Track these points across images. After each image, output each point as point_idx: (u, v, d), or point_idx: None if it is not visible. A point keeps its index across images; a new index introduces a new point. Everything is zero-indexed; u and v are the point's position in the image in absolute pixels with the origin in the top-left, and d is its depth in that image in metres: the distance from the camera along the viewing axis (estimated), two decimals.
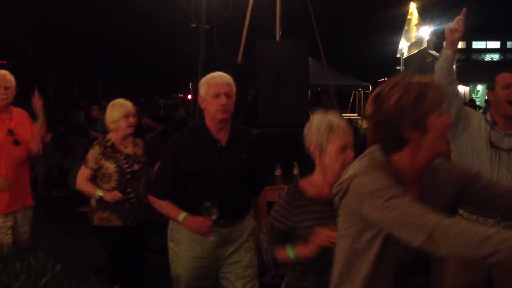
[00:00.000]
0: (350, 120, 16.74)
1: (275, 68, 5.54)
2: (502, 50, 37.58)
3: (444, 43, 3.44)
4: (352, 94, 27.42)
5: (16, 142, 4.12)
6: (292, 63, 5.66)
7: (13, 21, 18.49)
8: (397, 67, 47.69)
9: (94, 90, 28.38)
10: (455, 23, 3.36)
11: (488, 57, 36.84)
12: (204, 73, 5.65)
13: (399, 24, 45.51)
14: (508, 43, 37.83)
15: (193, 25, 6.25)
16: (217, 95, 3.12)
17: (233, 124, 3.35)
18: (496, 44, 37.99)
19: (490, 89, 3.34)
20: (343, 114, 22.93)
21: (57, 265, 2.19)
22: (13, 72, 4.26)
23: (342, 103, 28.00)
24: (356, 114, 25.51)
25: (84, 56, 27.76)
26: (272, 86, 5.51)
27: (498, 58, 36.26)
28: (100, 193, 3.94)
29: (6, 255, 2.39)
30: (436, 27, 36.83)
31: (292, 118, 5.47)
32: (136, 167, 4.05)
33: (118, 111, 3.97)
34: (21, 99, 9.80)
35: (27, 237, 4.33)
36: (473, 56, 36.27)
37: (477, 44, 38.46)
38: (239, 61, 7.22)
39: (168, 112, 17.24)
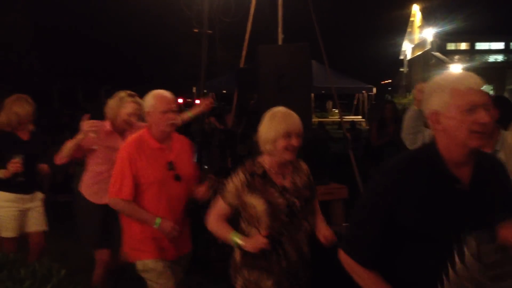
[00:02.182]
0: (353, 123, 16.73)
1: (277, 72, 5.54)
2: (506, 51, 37.49)
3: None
4: (356, 97, 27.41)
5: (177, 178, 3.40)
6: (294, 66, 5.66)
7: (16, 28, 18.58)
8: (401, 69, 47.69)
9: (98, 95, 28.47)
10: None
11: (492, 58, 36.75)
12: (207, 78, 5.65)
13: (402, 26, 45.54)
14: None
15: (196, 30, 6.27)
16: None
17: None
18: (499, 45, 37.93)
19: None
20: (347, 117, 22.88)
21: (62, 271, 2.20)
22: (17, 79, 4.28)
23: (346, 105, 28.03)
24: (360, 117, 25.48)
25: (87, 62, 27.86)
26: (275, 90, 5.50)
27: (502, 59, 36.17)
28: (237, 239, 2.81)
29: (11, 261, 2.40)
30: (440, 29, 36.80)
31: None
32: (296, 204, 2.84)
33: (277, 128, 2.76)
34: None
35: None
36: (477, 57, 36.20)
37: (480, 45, 38.43)
38: (241, 65, 7.22)
39: None
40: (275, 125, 2.75)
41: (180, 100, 26.08)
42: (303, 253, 2.87)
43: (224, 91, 20.90)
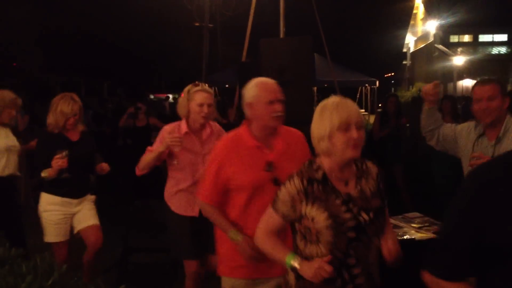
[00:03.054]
0: None
1: (279, 66, 5.53)
2: (509, 43, 37.31)
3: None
4: (359, 90, 27.34)
5: (276, 182, 2.75)
6: (296, 60, 5.65)
7: (21, 24, 18.60)
8: (404, 62, 47.55)
9: (101, 90, 28.50)
10: (431, 87, 3.52)
11: (495, 50, 36.61)
12: (209, 72, 5.64)
13: (405, 19, 45.36)
14: None
15: (197, 24, 6.24)
16: None
17: None
18: (503, 37, 37.76)
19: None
20: None
21: (64, 266, 2.20)
22: (21, 73, 4.24)
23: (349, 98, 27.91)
24: (363, 110, 25.43)
25: (89, 58, 27.88)
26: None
27: (505, 51, 36.02)
28: (294, 262, 2.30)
29: (13, 256, 2.40)
30: (443, 21, 36.64)
31: (297, 115, 5.45)
32: (364, 217, 2.28)
33: (331, 120, 2.25)
34: (30, 101, 9.90)
35: None
36: (480, 50, 36.05)
37: (484, 37, 38.28)
38: (243, 59, 7.21)
39: (174, 111, 17.25)
40: (328, 117, 2.25)
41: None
42: (373, 277, 2.36)
43: (227, 85, 20.85)
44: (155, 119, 9.24)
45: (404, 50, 47.46)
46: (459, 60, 33.91)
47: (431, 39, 39.33)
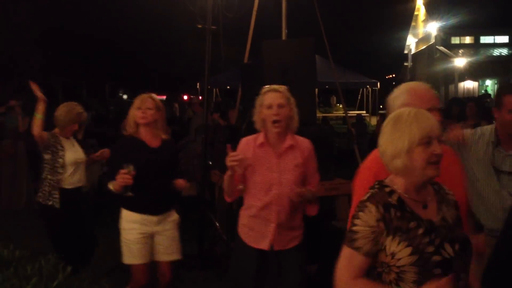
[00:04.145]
0: (360, 116, 16.67)
1: (281, 67, 5.52)
2: (510, 45, 37.26)
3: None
4: (360, 91, 27.35)
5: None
6: (298, 62, 5.65)
7: (21, 25, 18.62)
8: (405, 63, 47.54)
9: (102, 91, 28.51)
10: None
11: (496, 52, 36.56)
12: (211, 74, 5.65)
13: (406, 20, 45.31)
14: None
15: (199, 26, 6.25)
16: None
17: None
18: (504, 39, 37.69)
19: (496, 106, 3.21)
20: (351, 112, 22.84)
21: (68, 268, 2.20)
22: (22, 75, 4.24)
23: (350, 100, 27.99)
24: (364, 111, 25.42)
25: (92, 59, 27.90)
26: (279, 85, 5.51)
27: (506, 53, 35.97)
28: None
29: (18, 258, 2.41)
30: (444, 23, 36.62)
31: (299, 117, 5.46)
32: (448, 250, 1.93)
33: (410, 133, 1.94)
34: (30, 102, 9.89)
35: None
36: (481, 51, 36.00)
37: (485, 39, 38.21)
38: (245, 60, 7.21)
39: (175, 113, 17.27)
40: (406, 129, 1.94)
41: (185, 97, 26.11)
42: None
43: (228, 87, 20.87)
44: None
45: (405, 51, 47.43)
46: (460, 61, 33.88)
47: (432, 40, 39.29)
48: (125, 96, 35.07)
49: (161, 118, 3.88)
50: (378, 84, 24.35)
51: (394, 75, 49.40)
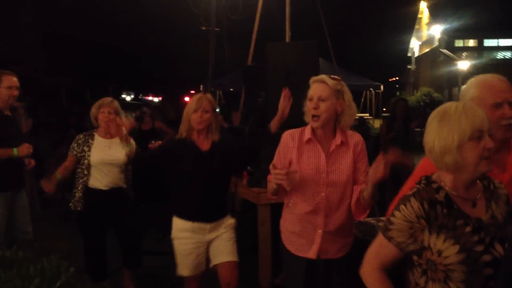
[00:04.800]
0: (362, 119, 16.66)
1: (285, 70, 5.52)
2: None
3: None
4: (364, 94, 27.35)
5: None
6: (302, 64, 5.64)
7: (26, 28, 18.71)
8: (408, 66, 47.52)
9: (106, 93, 28.59)
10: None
11: (500, 55, 36.53)
12: (214, 75, 5.62)
13: (409, 23, 45.34)
14: None
15: (203, 28, 6.27)
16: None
17: None
18: (508, 42, 37.67)
19: None
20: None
21: (71, 269, 2.20)
22: (27, 78, 4.15)
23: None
24: (367, 114, 25.40)
25: (95, 61, 28.00)
26: (283, 88, 5.50)
27: (510, 56, 35.94)
28: None
29: (20, 259, 2.41)
30: (448, 26, 36.61)
31: (302, 120, 5.46)
32: (499, 250, 1.87)
33: (461, 128, 1.86)
34: (34, 104, 9.92)
35: None
36: (485, 54, 35.98)
37: (489, 42, 38.21)
38: (249, 63, 7.23)
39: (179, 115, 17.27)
40: (455, 124, 1.85)
41: (187, 99, 26.17)
42: None
43: (231, 89, 20.89)
44: (160, 122, 9.24)
45: (409, 54, 47.43)
46: (464, 64, 33.86)
47: (436, 43, 39.29)
48: (128, 98, 35.25)
49: (216, 120, 3.66)
50: (382, 86, 24.31)
51: (397, 78, 49.39)
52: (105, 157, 4.40)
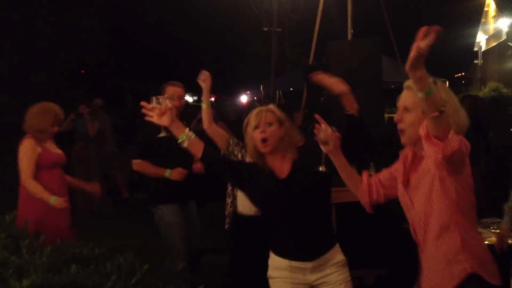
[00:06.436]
0: None
1: (347, 68, 5.48)
2: None
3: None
4: None
5: None
6: (365, 62, 5.59)
7: (94, 32, 19.38)
8: (475, 61, 45.83)
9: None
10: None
11: None
12: (276, 75, 5.64)
13: (475, 17, 43.70)
14: None
15: (265, 29, 6.30)
16: None
17: None
18: None
19: None
20: None
21: (145, 265, 2.27)
22: (95, 80, 4.23)
23: None
24: None
25: (159, 63, 28.70)
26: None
27: None
28: None
29: (97, 256, 2.51)
30: None
31: (366, 118, 5.39)
32: None
33: None
34: (104, 105, 10.31)
35: None
36: None
37: None
38: (310, 62, 7.20)
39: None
40: None
41: (243, 98, 26.35)
42: None
43: (291, 89, 20.86)
44: (222, 123, 9.36)
45: (475, 49, 45.73)
46: None
47: (504, 37, 37.64)
48: (190, 100, 35.89)
49: (288, 133, 3.00)
50: (447, 82, 23.61)
51: (463, 74, 47.73)
52: None
